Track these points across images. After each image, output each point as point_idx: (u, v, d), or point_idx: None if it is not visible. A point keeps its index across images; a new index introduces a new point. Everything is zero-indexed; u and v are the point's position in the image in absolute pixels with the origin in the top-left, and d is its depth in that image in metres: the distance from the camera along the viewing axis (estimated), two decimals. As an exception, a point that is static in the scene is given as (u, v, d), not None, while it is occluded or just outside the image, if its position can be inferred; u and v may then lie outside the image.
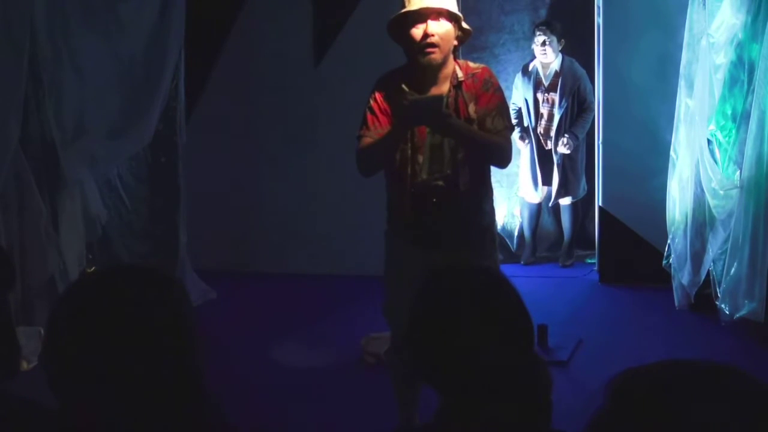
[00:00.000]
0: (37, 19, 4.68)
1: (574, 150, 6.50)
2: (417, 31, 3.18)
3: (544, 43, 6.43)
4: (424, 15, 3.17)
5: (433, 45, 3.17)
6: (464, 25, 3.29)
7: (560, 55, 6.51)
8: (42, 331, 4.38)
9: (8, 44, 4.55)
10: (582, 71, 6.49)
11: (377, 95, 3.29)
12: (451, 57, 3.27)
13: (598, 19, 6.05)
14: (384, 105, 3.27)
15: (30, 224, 4.71)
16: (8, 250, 4.34)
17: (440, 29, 3.18)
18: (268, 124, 6.57)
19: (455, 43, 3.26)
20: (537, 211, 6.81)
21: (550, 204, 6.81)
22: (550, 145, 6.58)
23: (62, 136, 4.88)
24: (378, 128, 3.25)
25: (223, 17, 6.53)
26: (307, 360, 4.79)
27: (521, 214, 6.94)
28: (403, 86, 3.20)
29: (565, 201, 6.67)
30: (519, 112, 6.62)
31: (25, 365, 4.20)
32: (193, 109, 6.34)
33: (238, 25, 6.56)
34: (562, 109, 6.46)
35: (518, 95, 6.69)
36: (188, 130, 6.00)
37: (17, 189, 4.67)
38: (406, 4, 3.20)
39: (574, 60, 6.52)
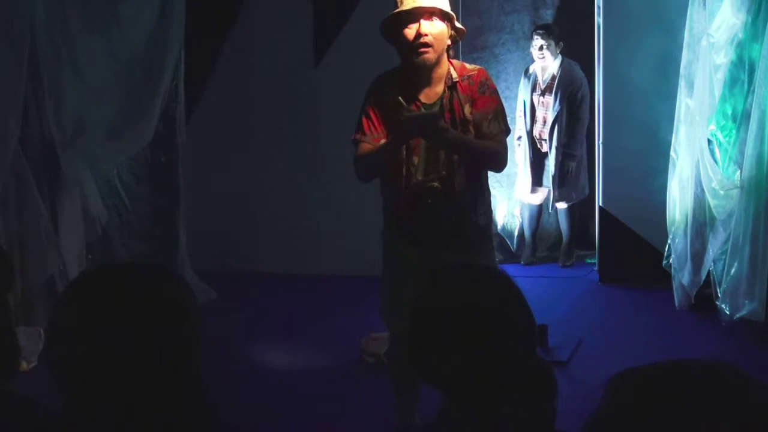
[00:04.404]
0: (37, 19, 4.68)
1: (572, 157, 6.52)
2: (410, 31, 3.17)
3: (541, 48, 6.44)
4: (416, 15, 3.16)
5: (426, 45, 3.16)
6: (457, 24, 3.29)
7: (560, 58, 6.51)
8: (42, 331, 4.39)
9: (8, 44, 4.55)
10: (581, 75, 6.47)
11: (372, 98, 3.28)
12: (445, 57, 3.26)
13: (599, 19, 6.05)
14: (379, 108, 3.26)
15: (30, 224, 4.71)
16: (8, 250, 4.34)
17: (433, 29, 3.17)
18: (268, 123, 6.57)
19: (449, 42, 3.25)
20: (537, 212, 6.81)
21: (550, 209, 6.83)
22: (545, 147, 6.59)
23: (62, 136, 4.88)
24: (374, 133, 3.25)
25: (223, 17, 6.53)
26: (306, 360, 4.79)
27: (521, 214, 6.94)
28: (400, 99, 3.19)
29: (562, 204, 6.68)
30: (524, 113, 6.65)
31: (25, 365, 4.21)
32: (193, 109, 6.34)
33: (238, 25, 6.57)
34: (555, 113, 6.46)
35: (520, 98, 6.71)
36: (188, 130, 6.00)
37: (17, 189, 4.67)
38: (399, 4, 3.20)
39: (575, 63, 6.51)
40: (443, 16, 3.20)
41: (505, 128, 3.29)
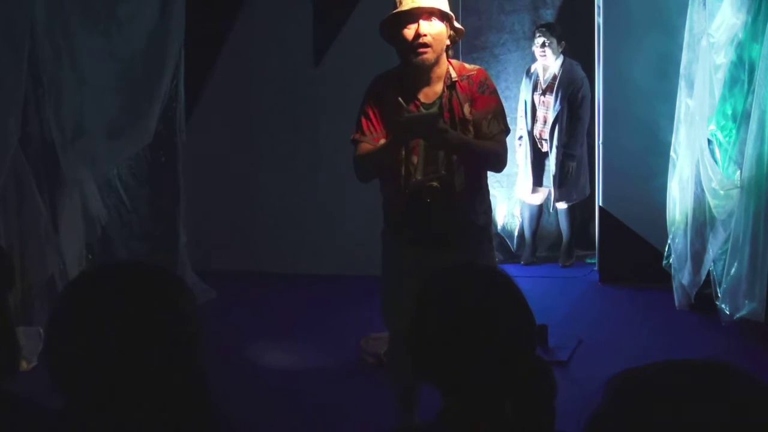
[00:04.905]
0: (37, 19, 4.68)
1: (572, 157, 6.51)
2: (409, 32, 3.18)
3: (543, 45, 6.44)
4: (415, 15, 3.17)
5: (425, 45, 3.16)
6: (456, 24, 3.29)
7: (561, 57, 6.51)
8: (42, 331, 4.38)
9: (8, 44, 4.55)
10: (582, 75, 6.47)
11: (372, 98, 3.28)
12: (444, 56, 3.26)
13: (599, 19, 6.06)
14: (378, 108, 3.26)
15: (30, 224, 4.71)
16: (8, 250, 4.33)
17: (432, 29, 3.17)
18: (268, 124, 6.57)
19: (448, 42, 3.26)
20: (537, 212, 6.82)
21: (550, 209, 6.82)
22: (545, 147, 6.59)
23: (62, 137, 4.88)
24: (373, 133, 3.25)
25: (224, 17, 6.53)
26: (307, 360, 4.79)
27: (521, 214, 6.94)
28: (399, 99, 3.19)
29: (562, 204, 6.68)
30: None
31: (25, 365, 4.20)
32: (193, 109, 6.34)
33: (238, 25, 6.57)
34: (555, 113, 6.46)
35: (521, 98, 6.71)
36: (188, 130, 6.00)
37: (17, 189, 4.67)
38: (398, 4, 3.20)
39: (576, 63, 6.51)
40: (442, 16, 3.20)
41: (504, 128, 3.29)
